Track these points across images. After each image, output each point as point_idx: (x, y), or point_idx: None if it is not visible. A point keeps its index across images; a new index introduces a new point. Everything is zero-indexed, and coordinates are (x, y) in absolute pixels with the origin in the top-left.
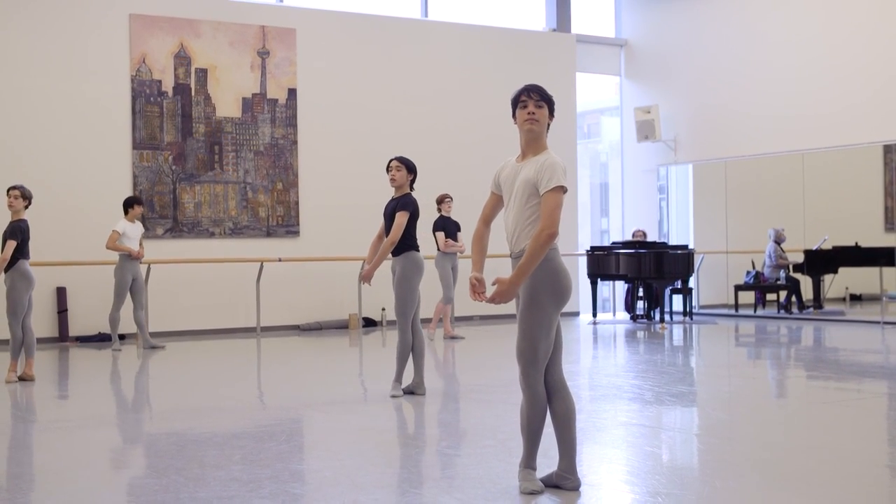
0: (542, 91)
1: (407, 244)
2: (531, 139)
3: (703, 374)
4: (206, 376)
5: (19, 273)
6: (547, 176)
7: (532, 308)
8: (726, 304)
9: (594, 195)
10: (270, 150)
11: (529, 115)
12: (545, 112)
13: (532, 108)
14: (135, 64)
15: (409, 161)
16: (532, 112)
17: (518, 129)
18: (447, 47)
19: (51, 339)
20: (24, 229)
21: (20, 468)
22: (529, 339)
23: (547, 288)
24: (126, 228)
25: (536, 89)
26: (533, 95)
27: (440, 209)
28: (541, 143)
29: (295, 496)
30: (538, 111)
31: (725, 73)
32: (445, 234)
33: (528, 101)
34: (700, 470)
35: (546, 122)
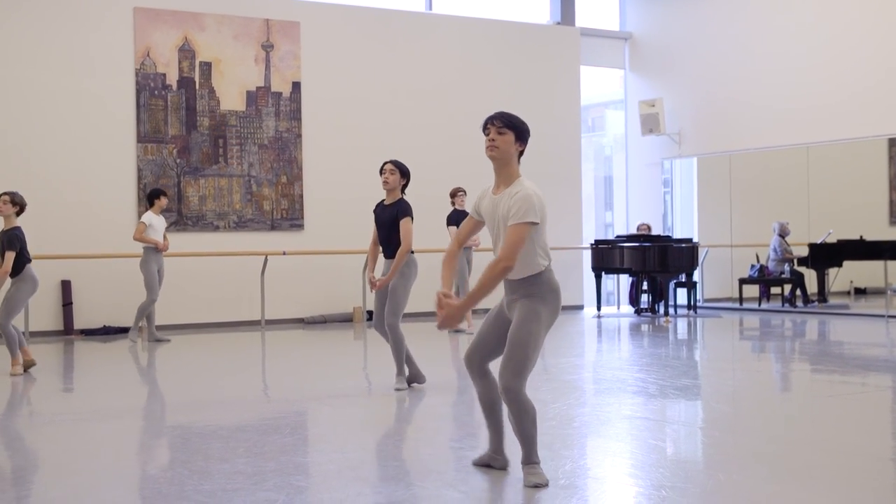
0: (508, 118)
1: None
2: (497, 167)
3: (707, 368)
4: (211, 369)
5: (28, 278)
6: (520, 210)
7: (531, 322)
8: (730, 297)
9: (598, 189)
10: (275, 143)
11: (490, 143)
12: (509, 139)
13: (493, 135)
14: (139, 57)
15: (403, 165)
16: (493, 139)
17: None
18: (451, 41)
19: (56, 332)
20: (20, 237)
21: (25, 460)
22: (523, 353)
23: (548, 306)
24: (152, 220)
25: (500, 116)
26: (496, 122)
27: (454, 203)
28: (510, 170)
29: (299, 489)
30: (499, 138)
31: (730, 66)
32: (457, 227)
33: (490, 128)
34: (704, 463)
35: (512, 149)
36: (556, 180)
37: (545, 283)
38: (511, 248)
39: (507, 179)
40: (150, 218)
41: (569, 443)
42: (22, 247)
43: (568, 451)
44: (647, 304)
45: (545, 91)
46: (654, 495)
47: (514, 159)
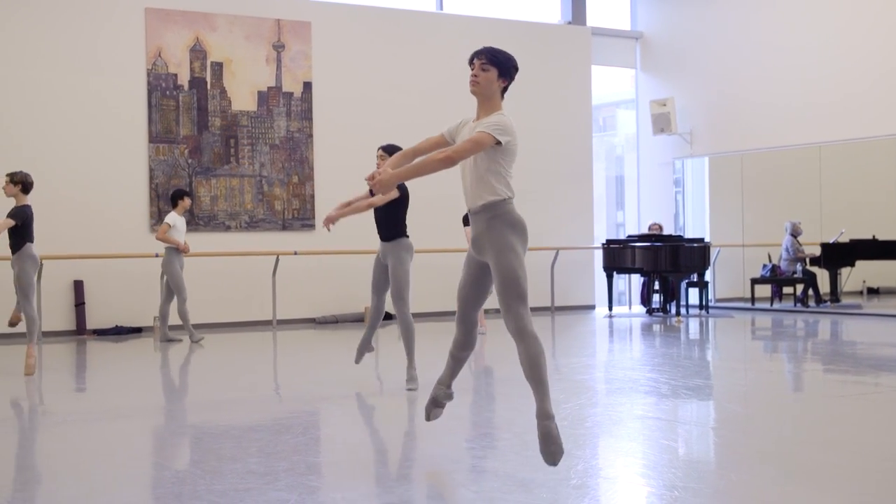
0: (492, 54)
1: (398, 230)
2: (479, 101)
3: (719, 368)
4: (222, 369)
5: (27, 255)
6: (490, 125)
7: (507, 253)
8: (742, 297)
9: (610, 188)
10: (286, 143)
11: (472, 78)
12: (491, 75)
13: (475, 71)
14: (150, 58)
15: (392, 148)
16: (475, 75)
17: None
18: (462, 40)
19: (68, 332)
20: (26, 213)
21: (37, 460)
22: (514, 280)
23: (515, 234)
24: (176, 221)
25: (486, 52)
26: (480, 57)
27: None
28: (491, 104)
29: (312, 489)
30: (482, 74)
31: (741, 65)
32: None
33: (475, 63)
34: (716, 463)
35: (494, 84)
36: (567, 180)
37: (509, 213)
38: (464, 146)
39: (488, 111)
40: (174, 218)
41: (581, 443)
42: (25, 222)
43: (580, 451)
44: (658, 304)
45: (556, 91)
46: (667, 495)
47: (497, 95)
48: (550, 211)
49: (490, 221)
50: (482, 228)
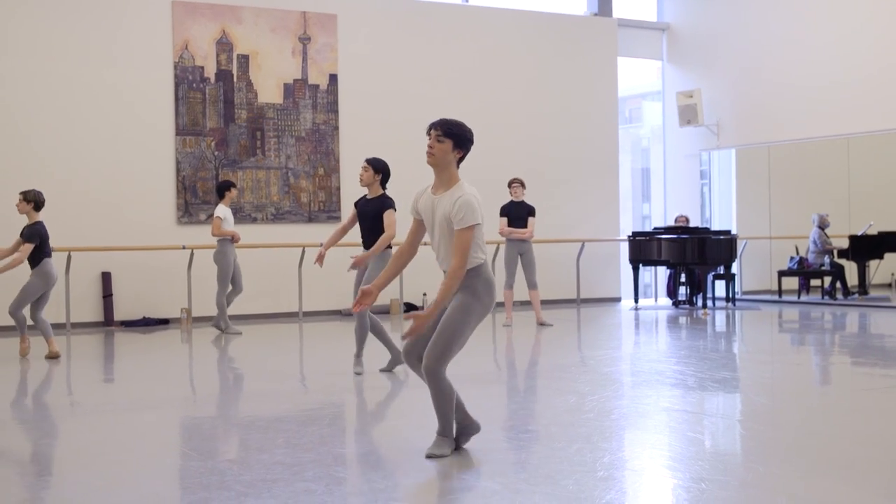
0: (447, 126)
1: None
2: (436, 171)
3: (746, 360)
4: (249, 361)
5: (42, 272)
6: (460, 215)
7: (462, 314)
8: (769, 289)
9: (636, 180)
10: (312, 135)
11: (428, 149)
12: (446, 147)
13: (431, 142)
14: (177, 51)
15: (378, 161)
16: (430, 146)
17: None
18: (488, 32)
19: (96, 324)
20: (41, 232)
21: (67, 450)
22: (448, 341)
23: (481, 301)
24: (225, 213)
25: (441, 124)
26: (436, 129)
27: (510, 192)
28: (448, 174)
29: (338, 479)
30: (437, 145)
31: (769, 56)
32: (509, 219)
33: (429, 135)
34: (743, 456)
35: (449, 155)
36: (593, 172)
37: (481, 278)
38: (464, 252)
39: (446, 183)
40: (223, 210)
41: (607, 435)
42: (42, 241)
43: (606, 443)
44: (684, 297)
45: (582, 83)
46: (693, 488)
47: (453, 165)
48: (576, 203)
49: (465, 282)
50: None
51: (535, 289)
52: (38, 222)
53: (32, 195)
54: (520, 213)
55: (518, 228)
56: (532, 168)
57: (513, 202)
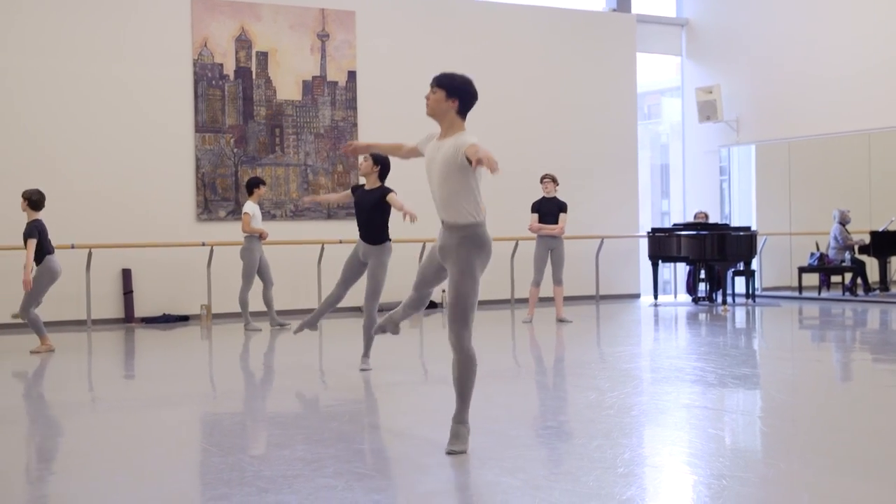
0: (439, 78)
1: (383, 235)
2: (439, 122)
3: (766, 357)
4: (269, 357)
5: (46, 268)
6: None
7: (466, 277)
8: (790, 286)
9: (654, 176)
10: (331, 132)
11: (426, 101)
12: (438, 96)
13: (428, 94)
14: (196, 48)
15: (378, 155)
16: (427, 97)
17: None
18: (507, 29)
19: (117, 321)
20: (40, 228)
21: (89, 446)
22: (465, 302)
23: (480, 257)
24: (254, 210)
25: (436, 77)
26: (432, 82)
27: (542, 188)
28: (448, 123)
29: (359, 475)
30: (431, 96)
31: (789, 51)
32: (539, 215)
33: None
34: (764, 452)
35: (443, 105)
36: (612, 168)
37: (479, 235)
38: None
39: (449, 130)
40: (252, 207)
41: (627, 431)
42: (42, 237)
43: (626, 439)
44: (704, 293)
45: (601, 79)
46: (714, 484)
47: (450, 114)
48: (595, 199)
49: (461, 240)
50: (451, 243)
51: (559, 285)
52: (35, 220)
53: (27, 193)
54: (550, 210)
55: (548, 225)
56: (551, 164)
57: (544, 198)
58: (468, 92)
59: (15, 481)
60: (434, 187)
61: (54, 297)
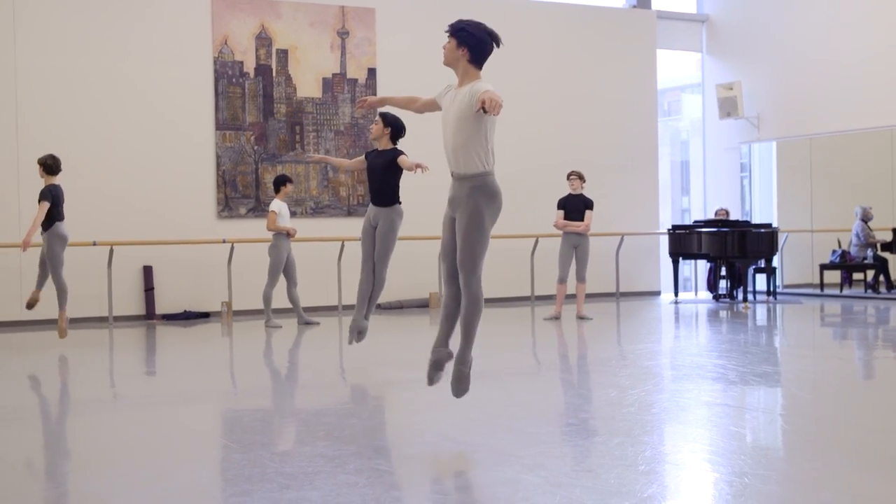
0: (454, 24)
1: (394, 197)
2: (455, 71)
3: (787, 355)
4: (289, 353)
5: (55, 234)
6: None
7: (475, 225)
8: (811, 283)
9: (675, 173)
10: (351, 129)
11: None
12: (451, 45)
13: (444, 44)
14: (217, 46)
15: (388, 115)
16: (443, 47)
17: None
18: (526, 26)
19: (138, 317)
20: (54, 192)
21: (111, 442)
22: (472, 253)
23: (491, 207)
24: (281, 208)
25: (451, 23)
26: (447, 29)
27: (569, 185)
28: (462, 71)
29: (380, 472)
30: (446, 46)
31: (810, 47)
32: (566, 212)
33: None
34: (786, 451)
35: (455, 53)
36: (632, 165)
37: (490, 184)
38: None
39: (464, 79)
40: (279, 205)
41: (648, 429)
42: (55, 201)
43: (647, 436)
44: (725, 290)
45: (621, 75)
46: (736, 482)
47: (463, 62)
48: (615, 196)
49: (471, 190)
50: (462, 193)
51: (582, 282)
52: (51, 184)
53: (41, 159)
54: (576, 206)
55: (574, 221)
56: (571, 161)
57: (570, 195)
58: (479, 39)
59: (37, 477)
60: (447, 137)
61: (76, 294)
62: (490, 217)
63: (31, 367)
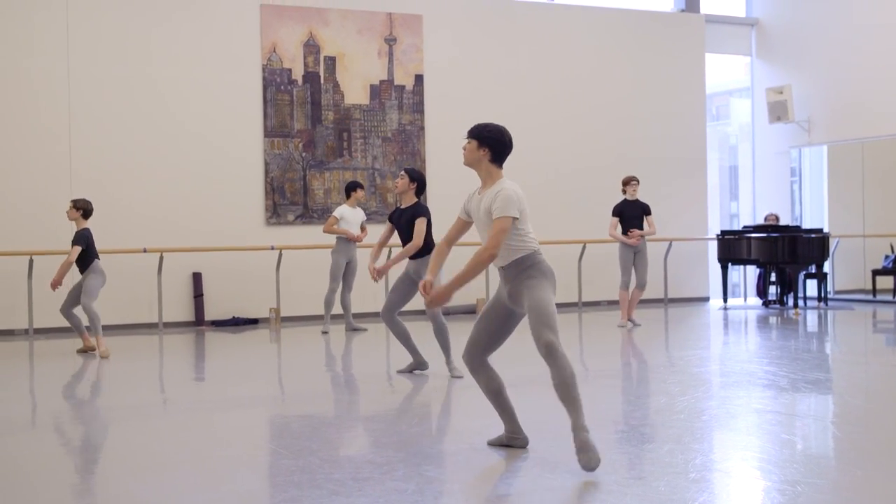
0: (472, 129)
1: (424, 249)
2: (476, 171)
3: (839, 361)
4: (338, 360)
5: (97, 269)
6: (502, 206)
7: (541, 291)
8: (863, 289)
9: (723, 178)
10: (398, 136)
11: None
12: (472, 146)
13: (464, 145)
14: (266, 53)
15: (414, 171)
16: (463, 147)
17: None
18: (574, 31)
19: (187, 324)
20: (87, 237)
21: (163, 447)
22: (547, 312)
23: (548, 280)
24: (344, 213)
25: (471, 128)
26: (467, 133)
27: (623, 191)
28: (484, 173)
29: (429, 479)
30: (467, 147)
31: (862, 49)
32: (622, 219)
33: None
34: (838, 459)
35: (476, 154)
36: (680, 170)
37: (540, 263)
38: (495, 238)
39: (486, 181)
40: (343, 211)
41: (698, 436)
42: (88, 245)
43: (698, 444)
44: (775, 296)
45: (669, 79)
46: (788, 490)
47: (484, 162)
48: (664, 201)
49: (524, 272)
50: (514, 280)
51: (643, 289)
52: (85, 229)
53: (81, 203)
54: (634, 213)
55: (634, 229)
56: (619, 166)
57: (626, 201)
58: (499, 141)
59: (87, 481)
60: (484, 238)
61: (126, 300)
62: (552, 289)
63: (82, 373)
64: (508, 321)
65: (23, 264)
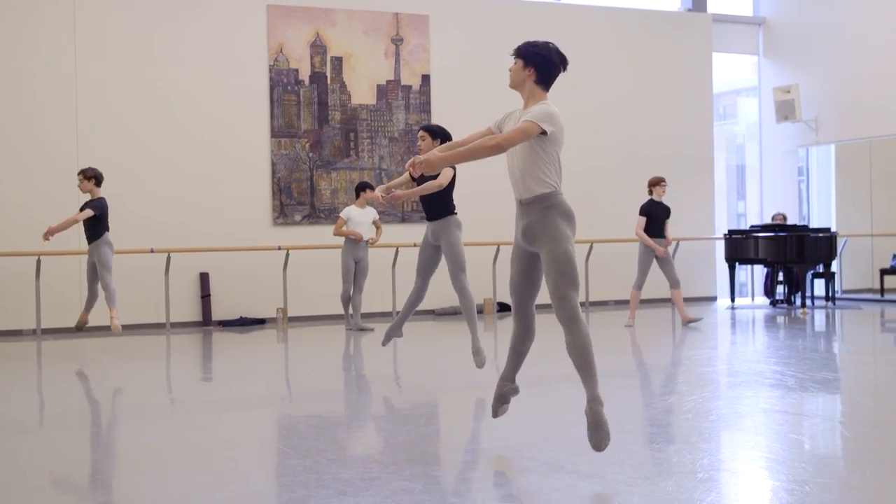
0: (521, 46)
1: (447, 209)
2: (520, 93)
3: (847, 361)
4: (345, 360)
5: (105, 242)
6: (537, 115)
7: (562, 241)
8: (871, 288)
9: (730, 178)
10: (405, 136)
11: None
12: (517, 66)
13: (510, 66)
14: (272, 54)
15: (435, 127)
16: (510, 69)
17: None
18: (582, 30)
19: (194, 324)
20: (103, 205)
21: (170, 447)
22: (570, 268)
23: (568, 224)
24: (352, 213)
25: (518, 46)
26: (513, 52)
27: (650, 191)
28: (531, 94)
29: (436, 479)
30: (512, 67)
31: (869, 48)
32: (649, 219)
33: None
34: (846, 459)
35: (521, 74)
36: (687, 169)
37: (561, 203)
38: (513, 134)
39: (529, 101)
40: (349, 212)
41: (706, 436)
42: (102, 213)
43: (705, 444)
44: (782, 296)
45: (676, 79)
46: (796, 490)
47: (529, 83)
48: (671, 201)
49: (543, 212)
50: (534, 219)
51: (676, 287)
52: (101, 198)
53: (92, 171)
54: (660, 215)
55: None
56: (626, 166)
57: (652, 201)
58: (547, 59)
59: (95, 482)
60: (514, 162)
61: (134, 301)
62: (572, 233)
63: (89, 373)
64: (535, 265)
65: (30, 265)
